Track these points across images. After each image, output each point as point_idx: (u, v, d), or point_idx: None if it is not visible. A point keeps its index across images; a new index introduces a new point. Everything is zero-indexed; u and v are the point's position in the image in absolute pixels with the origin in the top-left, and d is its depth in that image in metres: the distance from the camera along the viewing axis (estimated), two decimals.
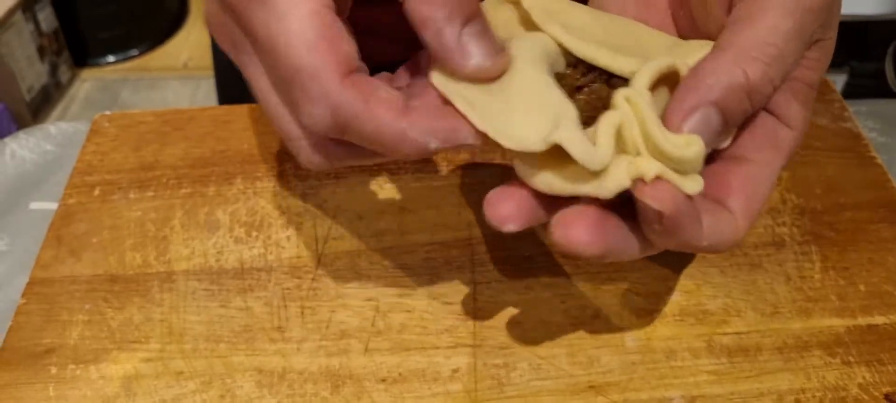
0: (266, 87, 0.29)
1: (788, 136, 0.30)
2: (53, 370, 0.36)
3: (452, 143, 0.27)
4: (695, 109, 0.27)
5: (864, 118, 0.52)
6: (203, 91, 1.73)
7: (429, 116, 0.27)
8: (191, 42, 1.85)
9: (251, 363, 0.35)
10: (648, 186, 0.26)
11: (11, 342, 0.37)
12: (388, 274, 0.39)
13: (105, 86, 1.76)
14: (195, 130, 0.46)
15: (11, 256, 0.45)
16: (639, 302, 0.37)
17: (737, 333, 0.36)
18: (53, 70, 1.68)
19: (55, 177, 0.50)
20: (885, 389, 0.34)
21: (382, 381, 0.35)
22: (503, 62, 0.28)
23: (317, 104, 0.27)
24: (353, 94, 0.26)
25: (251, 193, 0.43)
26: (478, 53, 0.27)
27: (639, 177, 0.26)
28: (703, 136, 0.26)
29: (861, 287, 0.38)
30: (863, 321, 0.36)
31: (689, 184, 0.26)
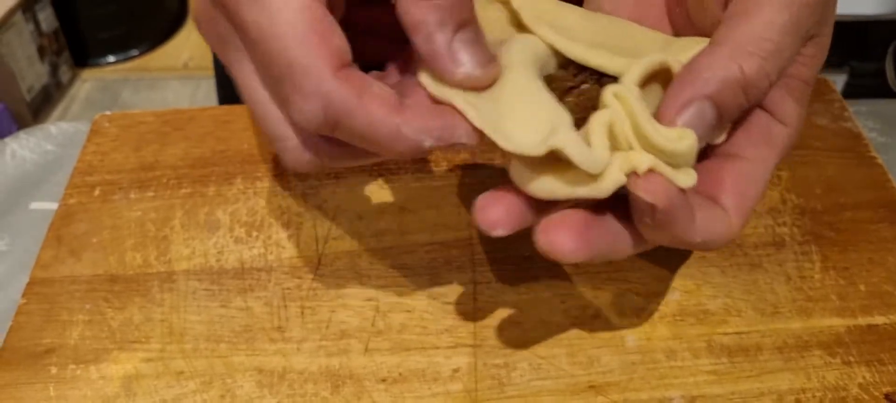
0: (254, 85, 0.28)
1: (783, 133, 0.30)
2: (54, 370, 0.36)
3: (448, 142, 0.26)
4: (690, 103, 0.26)
5: (864, 118, 0.52)
6: (203, 91, 1.73)
7: (424, 114, 0.26)
8: (191, 42, 1.85)
9: (251, 363, 0.35)
10: (641, 179, 0.25)
11: (11, 342, 0.37)
12: (388, 274, 0.39)
13: (105, 86, 1.76)
14: (195, 130, 0.46)
15: (11, 256, 0.45)
16: (639, 302, 0.37)
17: (737, 333, 0.36)
18: (54, 70, 1.68)
19: (55, 177, 0.50)
20: (885, 389, 0.34)
21: (382, 381, 0.35)
22: (494, 72, 0.27)
23: (308, 99, 0.26)
24: (346, 89, 0.26)
25: (251, 193, 0.43)
26: (468, 62, 0.26)
27: (632, 170, 0.26)
28: (698, 130, 0.26)
29: (861, 287, 0.38)
30: (863, 321, 0.36)
31: (683, 177, 0.26)
